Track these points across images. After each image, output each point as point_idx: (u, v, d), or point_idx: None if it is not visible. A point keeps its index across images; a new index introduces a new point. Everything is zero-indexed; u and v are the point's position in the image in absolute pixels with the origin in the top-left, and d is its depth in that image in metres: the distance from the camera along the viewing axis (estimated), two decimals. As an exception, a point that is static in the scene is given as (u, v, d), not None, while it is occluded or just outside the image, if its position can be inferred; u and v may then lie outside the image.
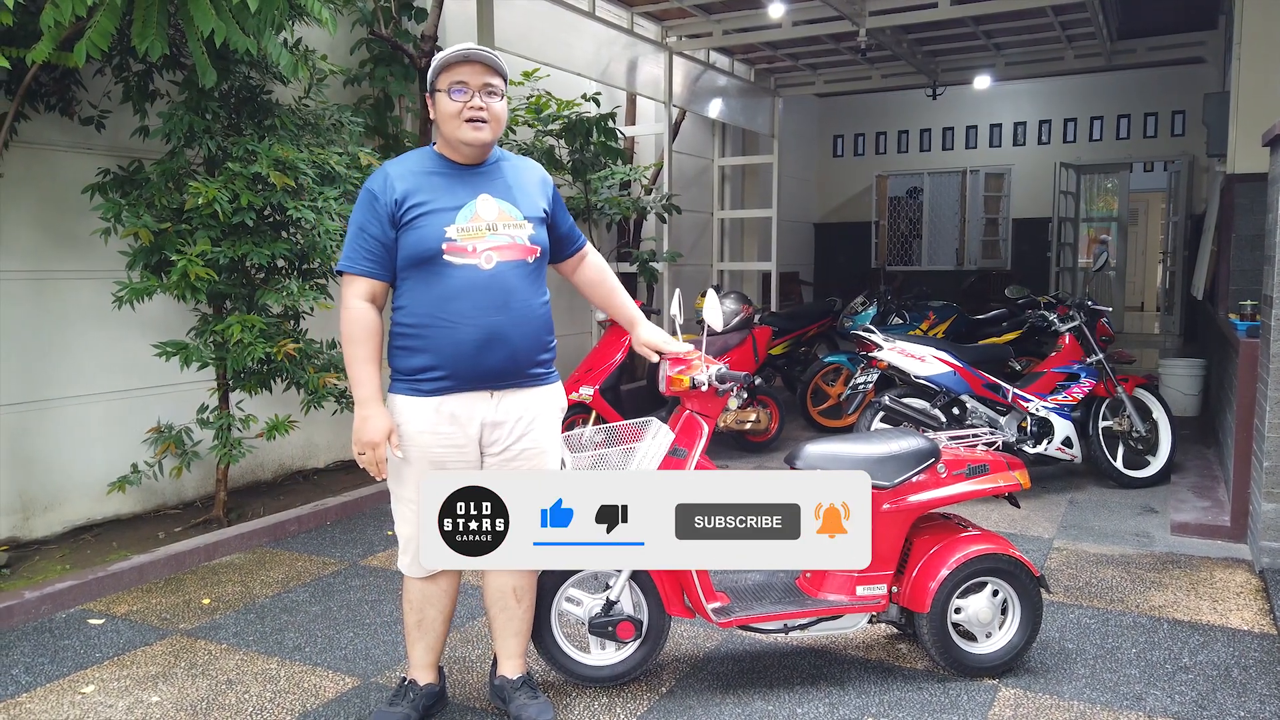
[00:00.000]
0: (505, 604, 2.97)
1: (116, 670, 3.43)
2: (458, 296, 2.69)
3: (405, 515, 2.85)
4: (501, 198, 2.78)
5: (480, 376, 2.73)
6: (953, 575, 3.18)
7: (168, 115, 4.40)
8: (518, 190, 2.83)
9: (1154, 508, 5.38)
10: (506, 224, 2.76)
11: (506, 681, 3.01)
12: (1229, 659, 3.44)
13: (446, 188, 2.74)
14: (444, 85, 2.69)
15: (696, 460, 3.12)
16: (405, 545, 2.88)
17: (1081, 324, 5.84)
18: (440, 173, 2.76)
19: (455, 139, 2.72)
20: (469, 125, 2.69)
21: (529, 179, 2.89)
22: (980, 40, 9.35)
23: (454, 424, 2.74)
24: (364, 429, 2.70)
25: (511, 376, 2.78)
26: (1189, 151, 11.94)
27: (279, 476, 5.96)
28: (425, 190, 2.71)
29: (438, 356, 2.70)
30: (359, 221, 2.73)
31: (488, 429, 2.78)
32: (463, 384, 2.73)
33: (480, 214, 2.73)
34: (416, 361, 2.72)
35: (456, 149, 2.76)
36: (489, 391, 2.77)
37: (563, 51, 7.44)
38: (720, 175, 10.93)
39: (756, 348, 6.70)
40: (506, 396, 2.79)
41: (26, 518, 4.70)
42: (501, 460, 2.83)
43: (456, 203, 2.72)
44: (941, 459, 3.29)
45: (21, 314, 4.62)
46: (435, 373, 2.71)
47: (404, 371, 2.76)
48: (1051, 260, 12.92)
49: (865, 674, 3.33)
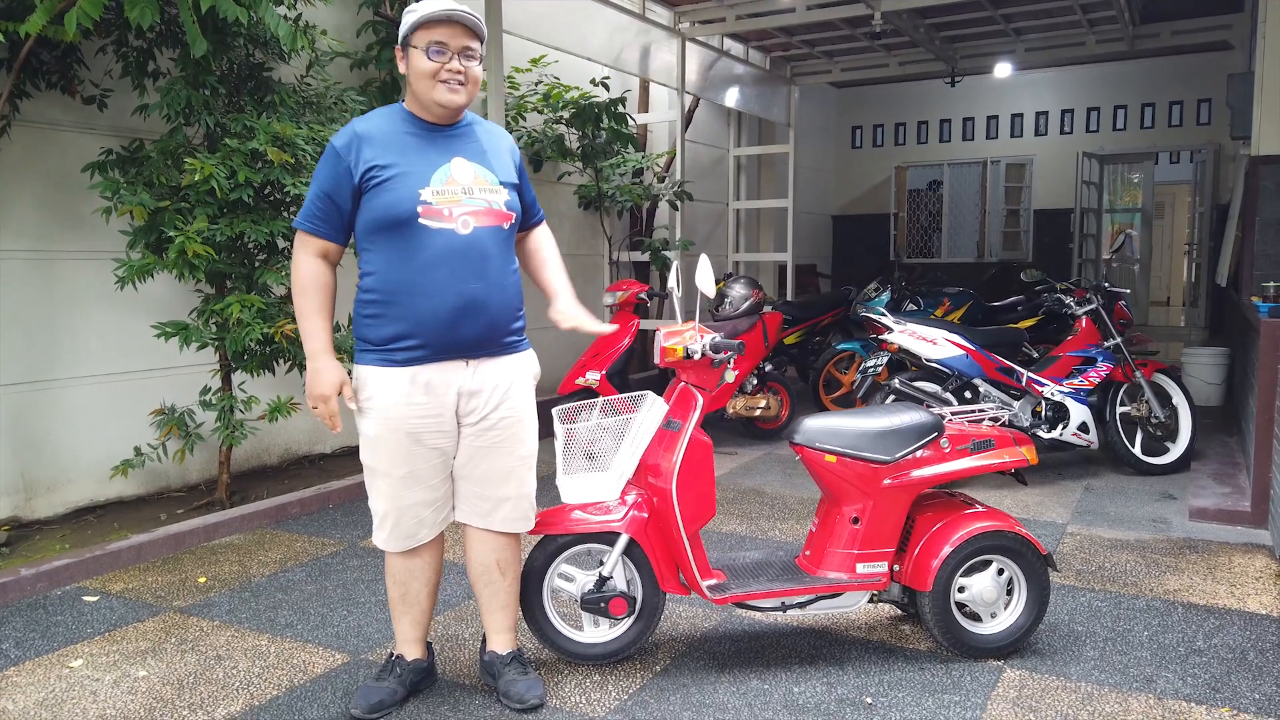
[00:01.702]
0: (490, 578, 2.91)
1: (106, 645, 3.40)
2: (435, 263, 2.60)
3: (380, 489, 2.77)
4: (476, 161, 2.70)
5: (457, 345, 2.65)
6: (956, 552, 3.09)
7: (165, 90, 4.37)
8: (492, 154, 2.75)
9: (1172, 494, 5.24)
10: (482, 188, 2.67)
11: (496, 657, 2.95)
12: (1245, 642, 3.32)
13: (418, 149, 2.64)
14: (420, 43, 2.59)
15: (690, 433, 3.05)
16: (381, 520, 2.81)
17: (1098, 307, 5.71)
18: (412, 132, 2.66)
19: (429, 99, 2.63)
20: (444, 86, 2.60)
21: (501, 144, 2.82)
22: (999, 25, 9.19)
23: (429, 394, 2.66)
24: (315, 382, 2.64)
25: (488, 345, 2.71)
26: (1215, 140, 11.70)
27: (285, 461, 5.94)
28: (396, 150, 2.61)
29: (412, 325, 2.61)
30: (320, 181, 2.64)
31: (464, 398, 2.70)
32: (439, 353, 2.64)
33: (455, 177, 2.64)
34: (388, 330, 2.63)
35: (428, 109, 2.66)
36: (464, 360, 2.69)
37: (574, 37, 7.37)
38: (736, 165, 10.84)
39: (766, 333, 6.61)
40: (483, 365, 2.72)
41: (29, 498, 4.69)
42: (479, 429, 2.75)
43: (430, 164, 2.62)
44: (945, 434, 3.19)
45: (25, 294, 4.61)
46: (409, 341, 2.62)
47: (374, 341, 2.67)
48: (1074, 251, 12.72)
49: (866, 654, 3.24)
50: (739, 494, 5.42)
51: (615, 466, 3.09)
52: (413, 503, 2.75)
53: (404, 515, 2.76)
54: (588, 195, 8.06)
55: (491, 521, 2.86)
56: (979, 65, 10.71)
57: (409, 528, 2.79)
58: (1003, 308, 7.64)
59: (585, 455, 3.13)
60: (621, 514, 3.05)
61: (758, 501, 5.26)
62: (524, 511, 2.91)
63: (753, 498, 5.34)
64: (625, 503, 3.07)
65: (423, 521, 2.80)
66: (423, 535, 2.82)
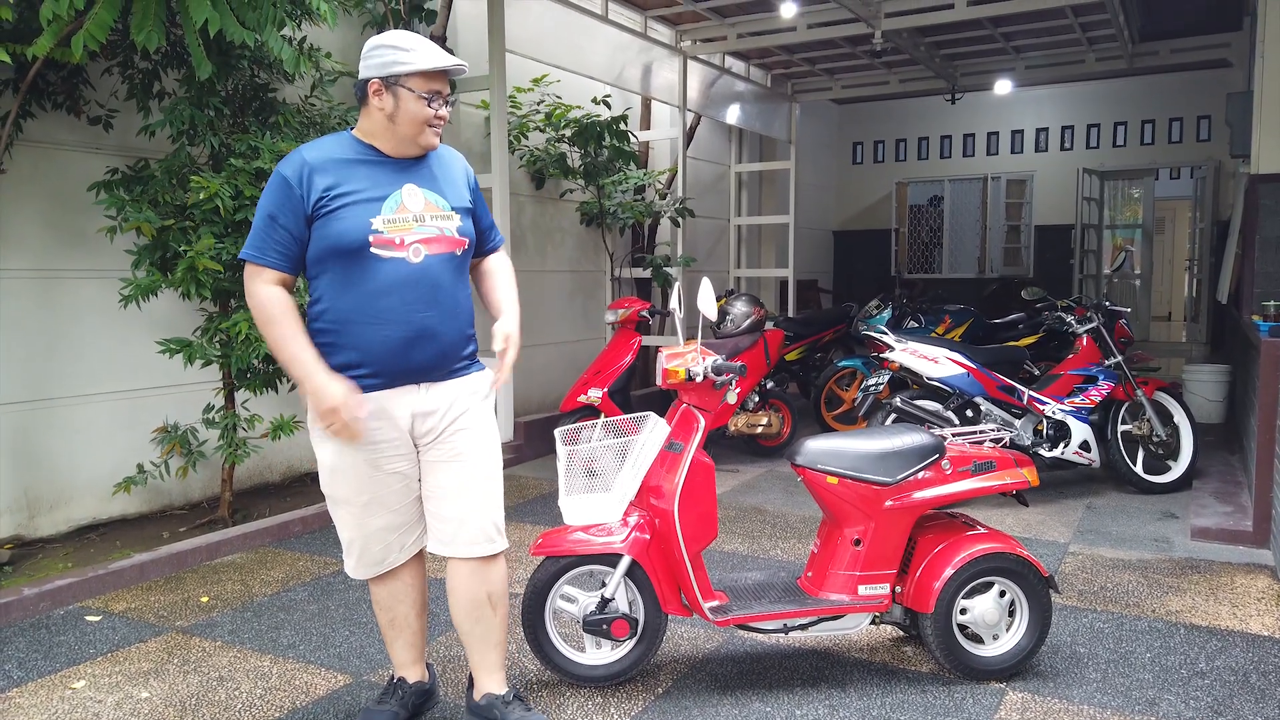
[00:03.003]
0: (480, 614, 2.78)
1: (109, 666, 3.40)
2: (385, 292, 2.55)
3: (343, 517, 2.75)
4: (427, 188, 2.65)
5: (408, 373, 2.62)
6: (958, 574, 3.09)
7: (169, 110, 4.40)
8: (444, 180, 2.70)
9: (1174, 513, 5.24)
10: (434, 215, 2.63)
11: (495, 699, 2.81)
12: (1248, 664, 3.32)
13: (370, 176, 2.59)
14: (419, 88, 2.55)
15: (693, 455, 3.06)
16: (348, 548, 2.78)
17: (1099, 325, 5.72)
18: (363, 160, 2.61)
19: (415, 143, 2.62)
20: (432, 131, 2.62)
21: (454, 169, 2.77)
22: (999, 43, 9.24)
23: (383, 419, 2.62)
24: (323, 397, 2.50)
25: (438, 371, 2.67)
26: (1215, 157, 11.73)
27: (287, 478, 5.95)
28: (347, 179, 2.56)
29: (363, 354, 2.58)
30: (269, 209, 2.55)
31: (419, 419, 2.66)
32: (391, 380, 2.61)
33: (406, 205, 2.59)
34: (339, 359, 2.58)
35: (403, 146, 2.62)
36: (416, 384, 2.65)
37: (575, 55, 7.41)
38: (737, 181, 10.87)
39: (768, 351, 6.62)
40: (435, 386, 2.68)
41: (32, 516, 4.70)
42: (434, 445, 2.69)
43: (381, 193, 2.58)
44: (946, 455, 3.20)
45: (29, 312, 4.63)
46: (360, 370, 2.58)
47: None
48: (1075, 268, 12.74)
49: (868, 676, 3.24)
50: (740, 512, 5.42)
51: (617, 488, 3.09)
52: (377, 528, 2.73)
53: (370, 542, 2.74)
54: (590, 212, 8.09)
55: (456, 546, 2.73)
56: (979, 82, 10.77)
57: (376, 554, 2.76)
58: (1004, 325, 7.66)
59: (586, 474, 3.14)
60: (624, 535, 3.05)
61: (759, 520, 5.26)
62: (487, 532, 2.74)
63: (754, 516, 5.34)
64: (627, 524, 3.08)
65: (389, 546, 2.76)
66: (391, 560, 2.78)
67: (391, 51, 2.55)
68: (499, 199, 6.10)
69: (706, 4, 7.86)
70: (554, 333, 8.06)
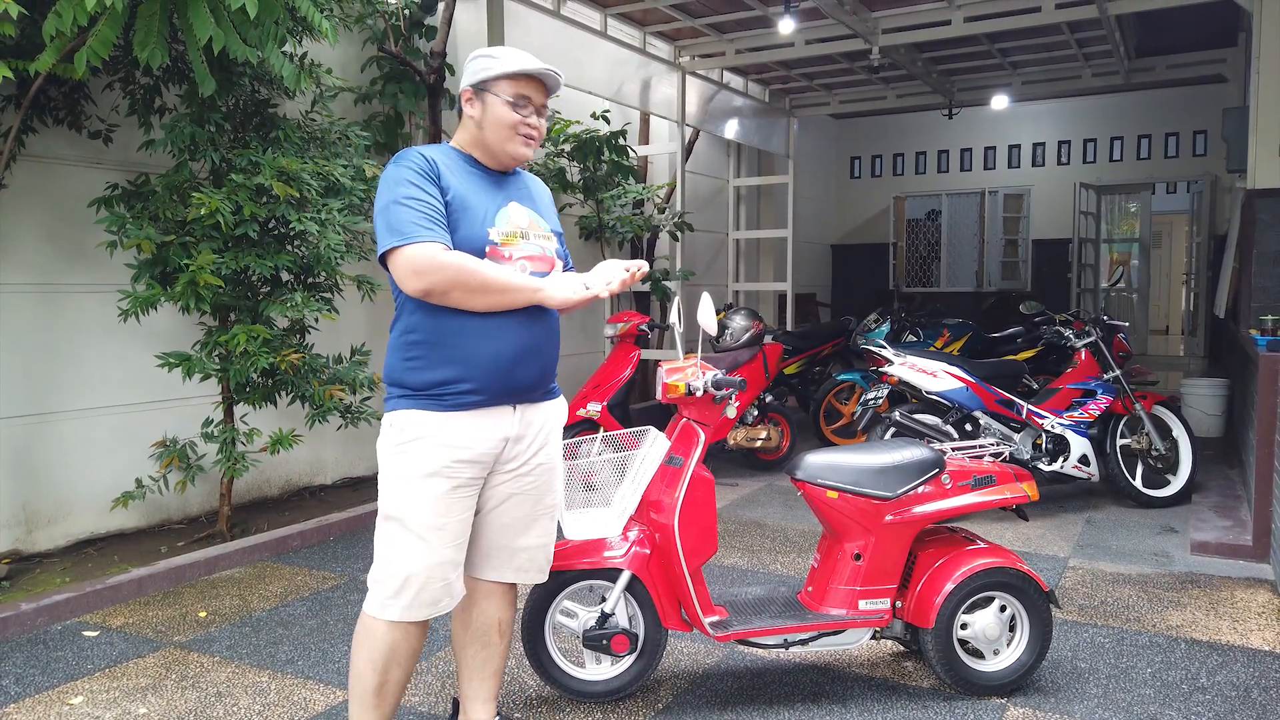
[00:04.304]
0: (488, 639, 2.72)
1: (107, 682, 3.39)
2: None
3: (407, 548, 2.46)
4: (529, 206, 2.63)
5: (511, 390, 2.52)
6: (958, 589, 3.09)
7: (170, 126, 4.42)
8: (541, 203, 2.70)
9: (1174, 527, 5.24)
10: (537, 234, 2.59)
11: None
12: (1249, 680, 3.31)
13: (481, 188, 2.54)
14: (506, 93, 2.50)
15: (693, 469, 3.06)
16: (401, 586, 2.46)
17: (1098, 339, 5.73)
18: (469, 170, 2.56)
19: (504, 150, 2.55)
20: (521, 140, 2.54)
21: (546, 195, 2.78)
22: (996, 59, 9.29)
23: (477, 438, 2.48)
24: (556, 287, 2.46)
25: (536, 391, 2.61)
26: (1211, 171, 11.78)
27: (285, 493, 5.94)
28: (462, 186, 2.50)
29: (469, 369, 2.45)
30: (402, 192, 2.38)
31: (510, 444, 2.56)
32: (492, 398, 2.49)
33: (514, 220, 2.55)
34: (439, 374, 2.45)
35: (496, 158, 2.57)
36: (512, 405, 2.55)
37: (575, 70, 7.44)
38: (735, 196, 10.90)
39: (767, 364, 6.63)
40: (528, 410, 2.60)
41: (30, 531, 4.68)
42: (516, 474, 2.60)
43: (493, 205, 2.54)
44: (946, 470, 3.20)
45: (28, 326, 4.63)
46: (462, 385, 2.45)
47: (418, 386, 2.47)
48: (1072, 281, 12.77)
49: (869, 692, 3.23)
50: (740, 526, 5.41)
51: (617, 503, 3.09)
52: (442, 561, 2.48)
53: (432, 577, 2.47)
54: (589, 226, 8.11)
55: (504, 572, 2.69)
56: (976, 98, 10.82)
57: (435, 593, 2.49)
58: (1002, 339, 7.67)
59: (587, 489, 3.14)
60: (624, 550, 3.05)
61: (759, 534, 5.25)
62: (541, 563, 2.75)
63: (754, 530, 5.34)
64: (627, 539, 3.08)
65: (449, 586, 2.52)
66: (445, 604, 2.52)
67: (483, 60, 2.54)
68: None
69: (705, 20, 7.90)
70: (553, 347, 8.05)
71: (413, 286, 2.36)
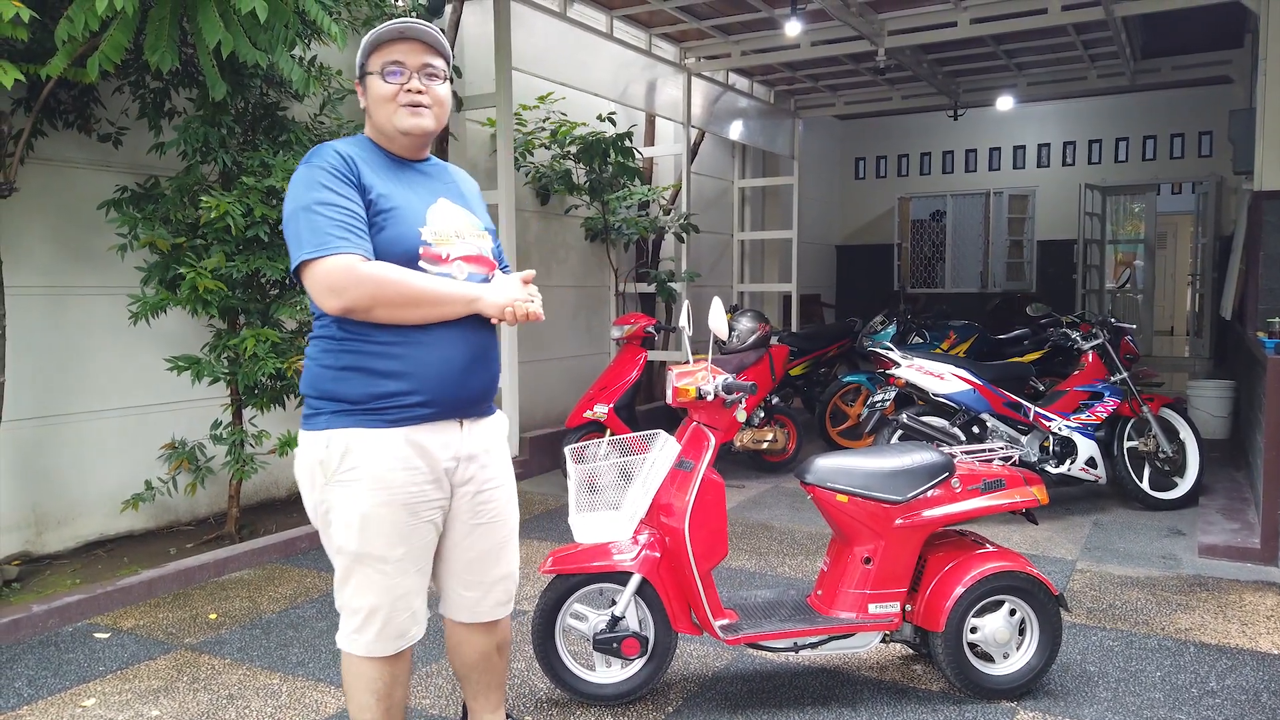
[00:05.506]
0: (489, 664, 2.61)
1: (119, 684, 3.40)
2: None
3: (370, 583, 2.27)
4: (459, 203, 2.41)
5: (459, 402, 2.31)
6: (968, 593, 3.10)
7: (183, 128, 4.43)
8: (471, 199, 2.50)
9: (1181, 530, 5.24)
10: (471, 233, 2.37)
11: None
12: (1258, 683, 3.31)
13: (405, 184, 2.31)
14: (376, 66, 2.27)
15: (703, 473, 3.06)
16: (366, 619, 2.29)
17: (1105, 342, 5.73)
18: (390, 166, 2.32)
19: (391, 126, 2.29)
20: (405, 110, 2.27)
21: (475, 189, 2.58)
22: (1001, 60, 9.29)
23: (425, 457, 2.26)
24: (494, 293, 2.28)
25: (484, 403, 2.42)
26: (1217, 172, 11.77)
27: (293, 494, 5.95)
28: (385, 184, 2.26)
29: (416, 380, 2.22)
30: (323, 198, 2.13)
31: (462, 464, 2.35)
32: (441, 410, 2.28)
33: (446, 218, 2.33)
34: (382, 387, 2.21)
35: (391, 138, 2.32)
36: (459, 420, 2.34)
37: (581, 72, 7.46)
38: (740, 197, 10.91)
39: (774, 366, 6.63)
40: (474, 426, 2.39)
41: (40, 532, 4.70)
42: (475, 503, 2.40)
43: (421, 202, 2.31)
44: (956, 474, 3.21)
45: (38, 329, 4.64)
46: (409, 398, 2.22)
47: (356, 400, 2.21)
48: (1078, 282, 12.77)
49: (878, 695, 3.23)
50: (748, 528, 5.42)
51: (628, 506, 3.10)
52: (406, 591, 2.31)
53: (397, 608, 2.30)
54: (594, 228, 8.12)
55: (480, 610, 2.51)
56: (981, 99, 10.82)
57: (402, 624, 2.32)
58: (1008, 341, 7.67)
59: (597, 492, 3.15)
60: (634, 553, 3.06)
61: (766, 536, 5.26)
62: (511, 592, 2.58)
63: (761, 532, 5.34)
64: (638, 542, 3.08)
65: (415, 615, 2.35)
66: (414, 633, 2.37)
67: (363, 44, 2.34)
68: (505, 215, 6.13)
69: (711, 22, 7.90)
70: (559, 348, 8.08)
71: (330, 305, 2.13)
